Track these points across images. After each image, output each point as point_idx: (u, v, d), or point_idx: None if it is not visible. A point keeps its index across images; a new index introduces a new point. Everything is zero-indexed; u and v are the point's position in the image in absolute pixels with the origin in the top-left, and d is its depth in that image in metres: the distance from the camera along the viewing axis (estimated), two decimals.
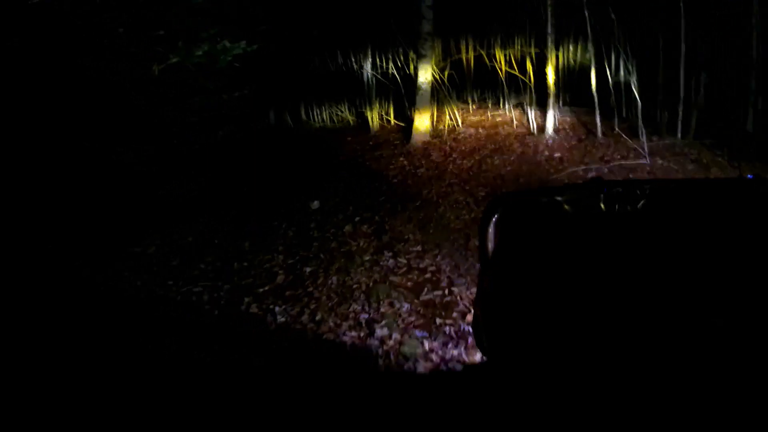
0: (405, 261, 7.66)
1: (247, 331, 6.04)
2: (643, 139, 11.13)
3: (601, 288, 2.30)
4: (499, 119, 14.59)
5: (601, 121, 12.48)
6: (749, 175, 3.34)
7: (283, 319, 6.30)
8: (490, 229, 2.86)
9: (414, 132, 13.30)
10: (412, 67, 15.13)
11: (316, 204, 9.99)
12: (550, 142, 12.39)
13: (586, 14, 12.08)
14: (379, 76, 15.67)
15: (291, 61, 16.16)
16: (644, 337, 2.09)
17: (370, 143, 14.05)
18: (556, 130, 12.77)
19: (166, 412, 4.01)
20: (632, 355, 2.08)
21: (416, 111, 13.29)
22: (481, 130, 13.67)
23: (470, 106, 15.54)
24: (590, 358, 2.18)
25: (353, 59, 16.12)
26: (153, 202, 9.09)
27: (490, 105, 15.83)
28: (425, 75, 13.23)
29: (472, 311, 5.82)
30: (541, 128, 12.94)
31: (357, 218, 9.29)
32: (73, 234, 7.74)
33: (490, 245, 2.85)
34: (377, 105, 15.46)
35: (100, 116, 9.31)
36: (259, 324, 6.18)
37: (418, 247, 8.03)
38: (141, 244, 8.48)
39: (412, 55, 14.68)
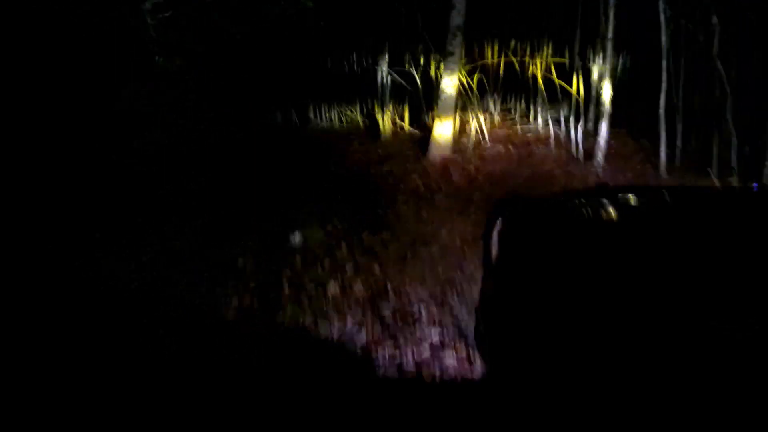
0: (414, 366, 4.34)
1: None
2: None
3: (604, 294, 2.12)
4: (530, 135, 11.20)
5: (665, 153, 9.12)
6: (754, 184, 3.09)
7: None
8: (494, 236, 2.80)
9: (432, 143, 9.91)
10: (433, 67, 11.83)
11: (297, 238, 6.65)
12: (601, 173, 9.02)
13: (663, 15, 8.68)
14: (395, 76, 12.27)
15: (296, 57, 13.17)
16: (646, 343, 1.93)
17: (379, 153, 10.66)
18: (606, 158, 9.41)
19: None
20: (633, 362, 1.92)
21: (437, 119, 9.90)
22: (511, 148, 10.29)
23: (495, 117, 12.16)
24: (591, 363, 2.02)
25: (367, 56, 12.84)
26: (152, 202, 7.58)
27: (517, 117, 12.48)
28: (451, 77, 9.83)
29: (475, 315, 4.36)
30: (589, 154, 9.57)
31: (349, 265, 5.99)
32: (72, 233, 6.47)
33: (494, 251, 2.77)
34: (391, 108, 12.10)
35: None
36: None
37: (436, 338, 4.71)
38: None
39: (435, 56, 11.33)
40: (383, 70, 12.17)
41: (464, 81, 10.79)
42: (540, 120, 11.56)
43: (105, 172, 8.29)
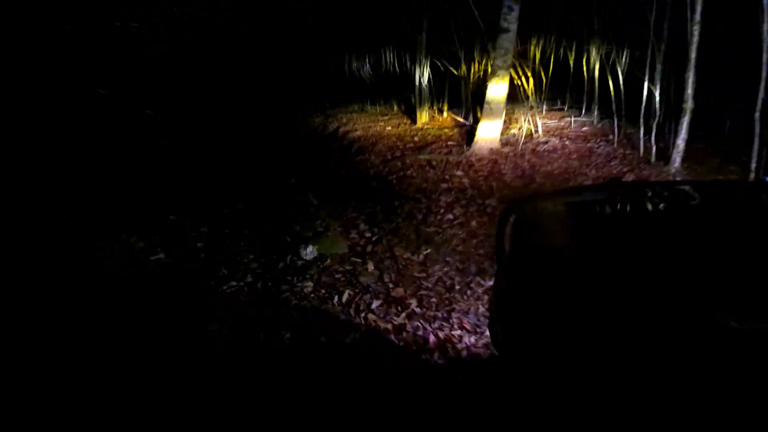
0: None
1: None
2: None
3: (616, 287, 1.96)
4: (586, 129, 9.22)
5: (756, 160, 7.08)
6: (766, 177, 2.79)
7: None
8: (507, 231, 2.56)
9: (479, 134, 7.97)
10: (478, 47, 9.86)
11: (310, 252, 4.78)
12: (679, 179, 7.06)
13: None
14: (436, 60, 10.29)
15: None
16: (654, 336, 1.81)
17: (415, 140, 8.76)
18: (683, 161, 7.42)
19: None
20: (641, 355, 1.80)
21: (486, 106, 7.98)
22: (567, 143, 8.33)
23: (543, 108, 10.14)
24: (602, 356, 1.89)
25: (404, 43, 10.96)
26: (152, 202, 6.68)
27: (566, 109, 10.49)
28: (505, 58, 7.87)
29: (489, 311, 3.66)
30: (663, 155, 7.60)
31: (376, 303, 4.13)
32: (72, 233, 5.69)
33: (507, 246, 2.53)
34: (428, 90, 10.14)
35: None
36: None
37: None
38: None
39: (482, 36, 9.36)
40: (422, 49, 10.20)
41: (516, 64, 8.77)
42: (596, 113, 9.55)
43: (105, 172, 7.56)
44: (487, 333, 3.77)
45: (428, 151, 7.97)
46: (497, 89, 7.77)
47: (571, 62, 10.06)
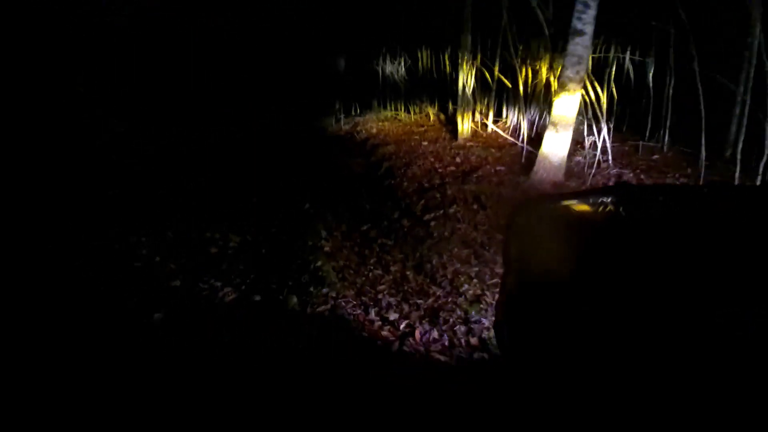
0: None
1: None
2: None
3: (622, 292, 1.77)
4: (656, 158, 7.20)
5: None
6: None
7: None
8: (515, 233, 2.42)
9: (539, 163, 6.01)
10: (533, 51, 7.93)
11: None
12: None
13: None
14: (482, 68, 8.35)
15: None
16: (663, 342, 1.62)
17: (457, 161, 6.82)
18: None
19: None
20: (649, 360, 1.62)
21: (550, 126, 6.02)
22: (643, 177, 6.34)
23: (610, 128, 8.07)
24: (607, 360, 1.72)
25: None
26: (152, 202, 6.19)
27: (625, 129, 8.47)
28: (577, 68, 5.89)
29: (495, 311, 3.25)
30: None
31: None
32: (72, 234, 5.36)
33: (514, 249, 2.39)
34: (472, 101, 8.18)
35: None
36: None
37: None
38: None
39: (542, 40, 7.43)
40: (466, 52, 8.24)
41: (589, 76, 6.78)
42: (666, 137, 7.50)
43: (105, 171, 7.33)
44: None
45: (474, 179, 6.03)
46: (566, 106, 5.82)
47: (630, 72, 8.07)
